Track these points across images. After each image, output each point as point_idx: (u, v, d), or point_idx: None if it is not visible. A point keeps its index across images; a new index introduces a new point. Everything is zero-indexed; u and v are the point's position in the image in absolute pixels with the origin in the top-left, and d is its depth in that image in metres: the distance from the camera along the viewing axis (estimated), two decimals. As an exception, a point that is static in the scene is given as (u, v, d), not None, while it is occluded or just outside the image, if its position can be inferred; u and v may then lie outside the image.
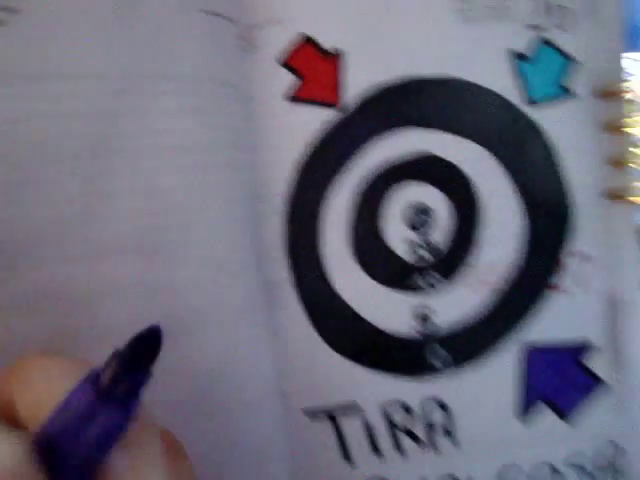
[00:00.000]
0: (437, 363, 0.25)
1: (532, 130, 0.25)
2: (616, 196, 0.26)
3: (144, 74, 0.21)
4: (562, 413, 0.26)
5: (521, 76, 0.25)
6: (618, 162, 0.26)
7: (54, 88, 0.19)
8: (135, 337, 0.15)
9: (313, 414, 0.25)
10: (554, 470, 0.26)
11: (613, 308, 0.26)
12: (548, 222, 0.25)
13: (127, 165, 0.20)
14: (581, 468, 0.27)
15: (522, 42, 0.25)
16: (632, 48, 0.24)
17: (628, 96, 0.26)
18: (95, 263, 0.20)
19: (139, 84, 0.21)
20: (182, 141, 0.22)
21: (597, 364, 0.26)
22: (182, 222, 0.22)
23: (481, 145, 0.25)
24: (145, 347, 0.15)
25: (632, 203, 0.26)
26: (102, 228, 0.20)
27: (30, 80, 0.19)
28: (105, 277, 0.20)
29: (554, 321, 0.25)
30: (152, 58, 0.21)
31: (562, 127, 0.25)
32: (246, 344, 0.24)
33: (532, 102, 0.25)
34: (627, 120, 0.26)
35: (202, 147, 0.22)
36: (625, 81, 0.25)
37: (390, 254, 0.25)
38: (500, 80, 0.25)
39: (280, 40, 0.24)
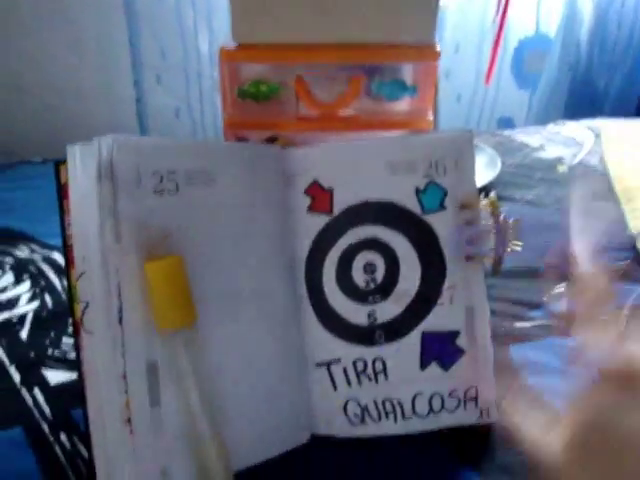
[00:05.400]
0: (379, 340, 0.51)
1: (426, 227, 0.51)
2: (471, 258, 0.51)
3: None
4: (445, 367, 0.51)
5: (420, 200, 0.51)
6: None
7: None
8: None
9: (319, 365, 0.51)
10: (442, 399, 0.52)
11: (470, 313, 0.51)
12: (434, 272, 0.51)
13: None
14: (458, 399, 0.52)
15: (421, 183, 0.51)
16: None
17: (477, 208, 0.52)
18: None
19: None
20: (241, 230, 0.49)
21: (462, 342, 0.51)
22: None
23: (402, 234, 0.51)
24: None
25: (481, 262, 0.52)
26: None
27: None
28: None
29: (439, 319, 0.51)
30: None
31: (442, 226, 0.51)
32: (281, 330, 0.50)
33: (425, 212, 0.51)
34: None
35: (258, 234, 0.49)
36: (476, 200, 0.52)
37: (355, 285, 0.51)
38: (410, 202, 0.51)
39: (304, 181, 0.51)
